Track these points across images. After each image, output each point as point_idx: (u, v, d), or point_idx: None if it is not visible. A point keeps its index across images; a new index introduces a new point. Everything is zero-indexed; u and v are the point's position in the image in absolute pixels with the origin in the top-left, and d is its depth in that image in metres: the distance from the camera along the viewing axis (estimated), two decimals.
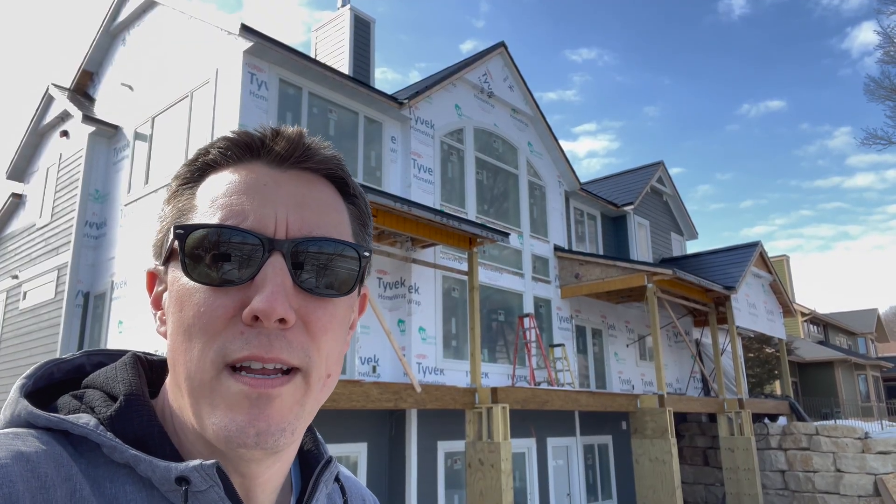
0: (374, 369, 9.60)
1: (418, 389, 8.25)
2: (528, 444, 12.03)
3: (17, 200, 13.66)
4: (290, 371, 0.59)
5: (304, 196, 0.64)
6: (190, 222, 0.63)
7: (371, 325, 9.64)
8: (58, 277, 11.11)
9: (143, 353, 0.73)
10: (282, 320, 0.58)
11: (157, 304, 0.68)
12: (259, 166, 0.65)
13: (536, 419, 12.20)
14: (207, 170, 0.66)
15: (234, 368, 0.58)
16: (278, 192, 0.63)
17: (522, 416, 11.61)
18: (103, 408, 0.62)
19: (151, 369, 0.72)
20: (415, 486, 9.59)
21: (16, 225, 13.54)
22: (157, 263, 0.68)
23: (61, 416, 0.59)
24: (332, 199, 0.67)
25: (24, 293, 12.16)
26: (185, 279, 0.60)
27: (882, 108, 36.61)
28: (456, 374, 10.65)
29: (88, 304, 10.71)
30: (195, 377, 0.59)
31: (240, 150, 0.66)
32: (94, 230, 11.12)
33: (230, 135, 0.67)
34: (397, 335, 10.05)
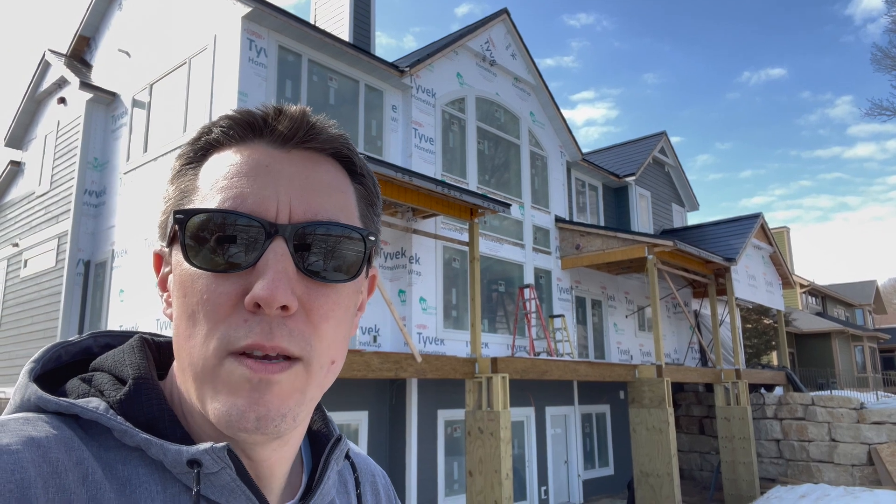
0: (374, 339, 9.66)
1: (419, 359, 8.31)
2: (526, 413, 12.17)
3: (16, 168, 13.59)
4: (290, 358, 0.59)
5: (308, 178, 0.63)
6: (191, 205, 0.62)
7: (372, 295, 9.66)
8: (58, 246, 11.11)
9: (150, 334, 0.73)
10: (284, 307, 0.57)
11: (163, 285, 0.67)
12: (261, 146, 0.64)
13: (536, 388, 12.32)
14: (210, 149, 0.65)
15: (238, 354, 0.58)
16: (281, 174, 0.61)
17: (522, 385, 11.72)
18: (112, 391, 0.62)
19: (159, 351, 0.72)
20: (415, 453, 9.73)
21: (15, 193, 13.49)
22: (163, 245, 0.66)
23: (71, 401, 0.59)
24: (338, 179, 0.66)
25: (25, 261, 12.17)
26: (187, 264, 0.59)
27: (888, 79, 36.20)
28: (456, 344, 10.72)
29: (89, 272, 10.73)
30: (198, 363, 0.58)
31: (242, 129, 0.64)
32: (93, 198, 11.08)
33: (232, 113, 0.65)
34: (398, 305, 10.08)
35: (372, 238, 0.64)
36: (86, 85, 11.23)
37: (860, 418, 14.10)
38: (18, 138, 13.54)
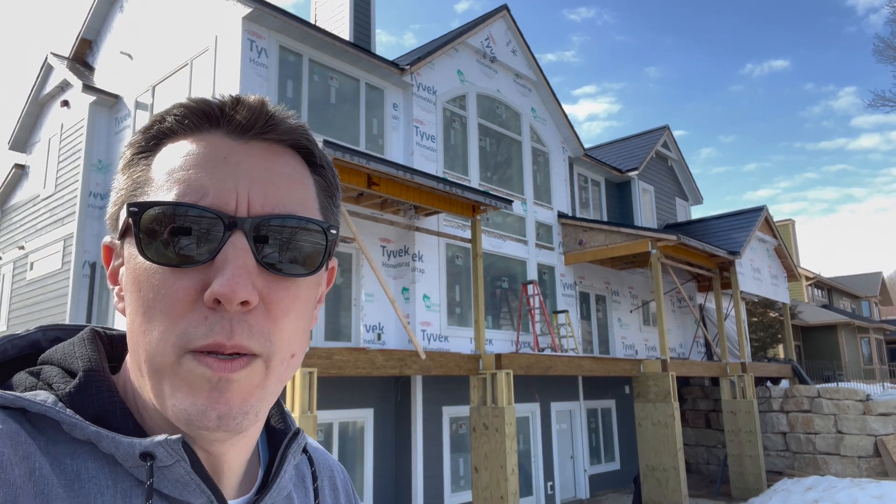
0: (378, 337, 9.70)
1: (423, 356, 8.34)
2: (531, 409, 12.19)
3: (21, 171, 13.66)
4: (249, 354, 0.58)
5: (268, 170, 0.61)
6: (145, 197, 0.60)
7: (375, 293, 9.70)
8: (64, 248, 11.17)
9: (102, 327, 0.71)
10: (244, 302, 0.56)
11: (114, 279, 0.65)
12: (219, 137, 0.62)
13: (540, 384, 12.34)
14: (163, 138, 0.63)
15: (197, 352, 0.56)
16: (240, 166, 0.60)
17: (526, 381, 11.74)
18: (62, 384, 0.60)
19: (111, 344, 0.70)
20: (420, 450, 9.77)
21: (20, 196, 13.56)
22: (113, 237, 0.64)
23: (17, 394, 0.57)
24: (298, 171, 0.64)
25: (31, 264, 12.24)
26: (142, 258, 0.57)
27: (891, 69, 36.02)
28: (460, 341, 10.74)
29: (95, 274, 10.79)
30: (156, 359, 0.57)
31: (197, 118, 0.62)
32: (98, 201, 11.13)
33: (186, 101, 0.63)
34: (401, 303, 10.11)
35: (333, 231, 0.63)
36: (88, 87, 11.28)
37: (866, 410, 14.08)
38: (22, 141, 13.60)
